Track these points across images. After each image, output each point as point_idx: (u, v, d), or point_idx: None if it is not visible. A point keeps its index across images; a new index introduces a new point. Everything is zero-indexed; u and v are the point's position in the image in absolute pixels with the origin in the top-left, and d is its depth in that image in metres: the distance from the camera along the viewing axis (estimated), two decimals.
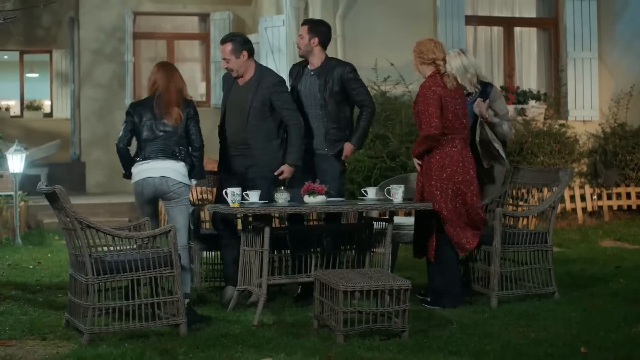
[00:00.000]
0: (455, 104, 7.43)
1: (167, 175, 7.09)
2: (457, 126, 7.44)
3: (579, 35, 13.92)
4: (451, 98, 7.42)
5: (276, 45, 13.89)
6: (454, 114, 7.42)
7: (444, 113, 7.35)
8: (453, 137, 7.43)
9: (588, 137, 13.73)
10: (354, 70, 7.97)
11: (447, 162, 7.43)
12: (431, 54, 7.61)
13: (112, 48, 17.20)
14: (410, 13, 13.18)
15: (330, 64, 7.89)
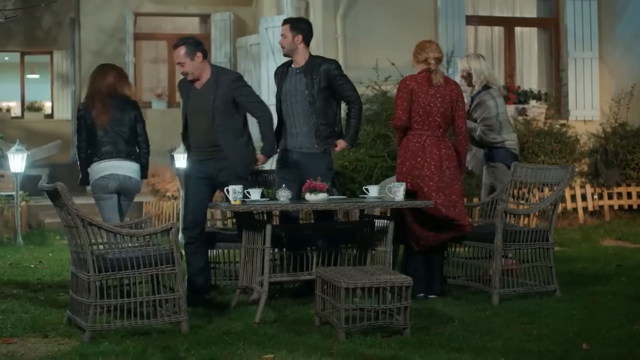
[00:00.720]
0: (430, 101, 7.57)
1: (131, 175, 7.67)
2: (427, 122, 7.58)
3: (580, 35, 13.93)
4: (426, 95, 7.57)
5: (277, 46, 13.79)
6: (425, 110, 7.56)
7: (414, 107, 7.55)
8: (421, 132, 7.62)
9: (589, 136, 13.73)
10: (339, 67, 7.96)
11: (408, 155, 7.66)
12: (424, 53, 7.80)
13: (113, 49, 17.21)
14: (410, 13, 13.20)
15: (316, 61, 7.88)
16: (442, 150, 7.64)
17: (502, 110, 8.84)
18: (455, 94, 7.70)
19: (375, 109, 12.07)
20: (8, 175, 12.92)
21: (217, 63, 17.20)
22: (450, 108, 7.65)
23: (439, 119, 7.60)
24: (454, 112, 7.69)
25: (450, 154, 7.68)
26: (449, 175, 7.62)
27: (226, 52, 17.40)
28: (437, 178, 7.56)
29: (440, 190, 7.56)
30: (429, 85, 7.60)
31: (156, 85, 18.03)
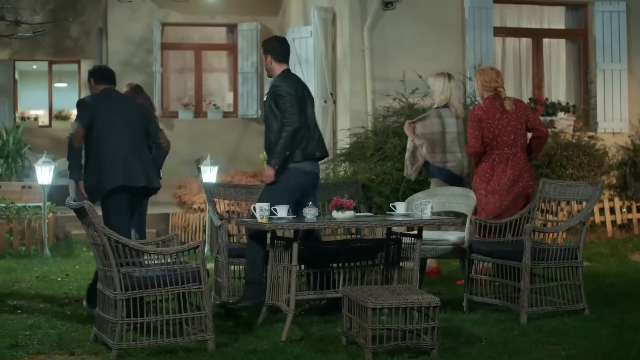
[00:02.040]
0: (499, 125, 8.43)
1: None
2: (494, 144, 8.45)
3: (609, 47, 13.84)
4: (494, 120, 8.43)
5: (304, 57, 13.88)
6: (494, 134, 8.41)
7: (485, 134, 8.42)
8: (491, 152, 8.51)
9: (617, 149, 13.62)
10: (283, 86, 7.87)
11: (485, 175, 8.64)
12: (494, 82, 8.54)
13: (140, 59, 17.24)
14: (438, 24, 13.15)
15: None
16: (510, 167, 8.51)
17: (450, 131, 9.39)
18: (525, 113, 8.57)
19: (402, 122, 11.98)
20: (35, 187, 12.96)
21: (244, 73, 17.35)
22: (524, 126, 8.53)
23: (507, 139, 8.45)
24: (530, 125, 8.58)
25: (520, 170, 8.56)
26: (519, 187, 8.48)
27: (253, 62, 17.40)
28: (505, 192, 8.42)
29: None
30: (497, 111, 8.44)
31: (183, 95, 18.04)
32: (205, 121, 17.55)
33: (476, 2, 13.26)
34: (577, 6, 14.19)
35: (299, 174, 7.77)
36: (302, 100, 7.82)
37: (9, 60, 20.13)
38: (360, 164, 11.77)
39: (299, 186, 7.75)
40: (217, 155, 16.54)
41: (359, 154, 12.02)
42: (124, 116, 7.73)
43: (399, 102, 12.32)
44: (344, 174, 11.94)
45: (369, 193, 10.96)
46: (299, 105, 7.75)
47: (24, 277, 9.87)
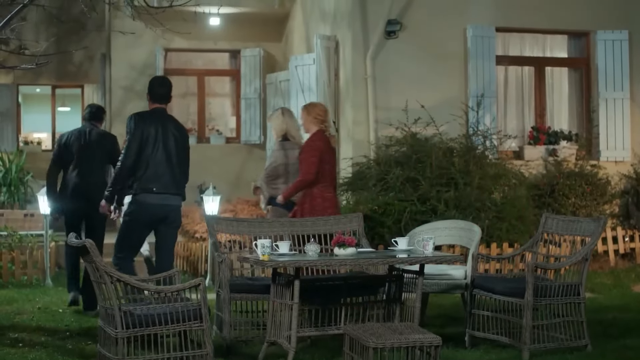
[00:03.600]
0: (327, 158, 8.97)
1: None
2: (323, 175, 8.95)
3: (611, 75, 13.86)
4: (329, 154, 9.01)
5: (306, 84, 13.90)
6: (326, 166, 8.96)
7: (323, 167, 8.88)
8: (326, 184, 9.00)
9: (620, 177, 13.63)
10: (128, 122, 8.38)
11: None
12: (323, 118, 9.07)
13: (143, 85, 17.18)
14: (441, 53, 13.18)
15: None
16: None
17: (293, 162, 9.48)
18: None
19: (405, 151, 12.01)
20: (38, 214, 12.95)
21: (247, 99, 17.37)
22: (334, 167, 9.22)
23: (331, 172, 9.13)
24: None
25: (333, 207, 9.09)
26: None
27: (256, 87, 17.43)
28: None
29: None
30: (326, 144, 9.01)
31: (186, 120, 18.06)
32: (208, 146, 17.55)
33: (478, 30, 13.29)
34: (580, 35, 14.21)
35: (142, 207, 8.27)
36: (147, 140, 8.20)
37: (13, 84, 20.18)
38: (363, 193, 11.76)
39: (145, 218, 8.31)
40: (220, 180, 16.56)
41: (361, 183, 12.02)
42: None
43: (401, 132, 12.31)
44: (346, 204, 11.92)
45: (371, 224, 10.94)
46: (140, 145, 8.19)
47: (25, 308, 9.85)
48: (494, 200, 11.60)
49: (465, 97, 13.17)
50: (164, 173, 8.27)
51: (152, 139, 8.22)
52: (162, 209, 8.29)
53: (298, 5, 16.38)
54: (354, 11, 13.04)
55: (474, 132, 12.36)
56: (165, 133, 8.35)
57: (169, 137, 8.34)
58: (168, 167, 8.29)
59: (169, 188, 8.30)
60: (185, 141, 8.53)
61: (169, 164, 8.29)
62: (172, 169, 8.33)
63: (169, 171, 8.29)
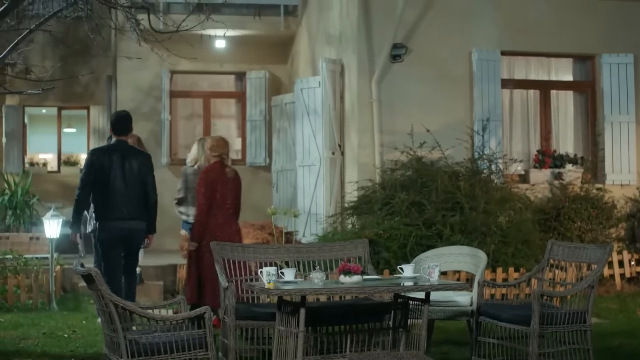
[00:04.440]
0: (223, 188, 9.54)
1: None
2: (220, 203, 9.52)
3: (616, 99, 13.87)
4: (221, 182, 9.53)
5: (312, 107, 13.92)
6: (221, 194, 9.53)
7: (212, 193, 9.45)
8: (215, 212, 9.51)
9: (626, 201, 13.61)
10: (87, 155, 9.66)
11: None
12: (220, 149, 9.68)
13: (149, 107, 17.30)
14: (446, 77, 13.20)
15: None
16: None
17: (193, 187, 10.03)
18: (239, 184, 9.86)
19: (410, 175, 12.02)
20: (43, 238, 12.96)
21: (252, 121, 17.40)
22: (238, 195, 9.84)
23: (228, 202, 9.64)
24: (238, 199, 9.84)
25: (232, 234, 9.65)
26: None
27: (261, 110, 17.46)
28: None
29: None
30: (222, 175, 9.58)
31: (191, 142, 18.05)
32: None
33: (484, 54, 13.31)
34: (585, 58, 14.23)
35: (106, 232, 9.34)
36: (104, 171, 9.27)
37: (19, 105, 20.21)
38: (368, 218, 11.76)
39: (111, 241, 9.34)
40: None
41: (366, 207, 12.02)
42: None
43: (406, 155, 12.32)
44: (351, 228, 11.92)
45: (377, 248, 10.94)
46: (94, 177, 9.28)
47: (30, 333, 9.84)
48: (500, 225, 11.59)
49: (471, 120, 13.18)
50: (123, 200, 9.29)
51: (110, 171, 9.29)
52: (123, 232, 9.33)
53: (303, 28, 16.41)
54: (360, 35, 13.06)
55: (480, 156, 12.37)
56: (124, 163, 9.34)
57: (128, 167, 9.34)
58: (126, 194, 9.30)
59: (127, 214, 9.31)
60: (145, 169, 9.48)
61: (127, 191, 9.30)
62: (130, 196, 9.32)
63: (127, 198, 9.30)
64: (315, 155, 13.75)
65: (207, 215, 9.48)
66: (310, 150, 13.92)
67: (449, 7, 13.26)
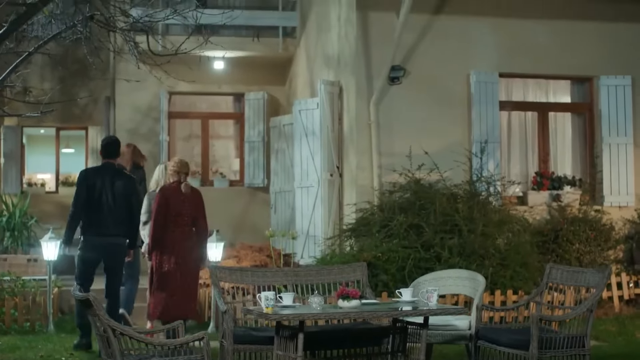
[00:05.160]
0: (180, 206, 9.91)
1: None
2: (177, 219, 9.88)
3: (614, 120, 13.88)
4: (177, 200, 9.90)
5: (310, 129, 13.92)
6: (176, 211, 9.87)
7: (169, 210, 9.82)
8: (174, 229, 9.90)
9: (624, 222, 13.62)
10: (78, 176, 10.43)
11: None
12: (176, 169, 10.04)
13: (147, 128, 17.32)
14: (444, 99, 13.21)
15: None
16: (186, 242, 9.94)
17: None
18: (198, 200, 10.12)
19: (408, 197, 12.01)
20: (41, 260, 12.93)
21: (251, 142, 17.41)
22: (195, 210, 10.01)
23: (186, 218, 9.94)
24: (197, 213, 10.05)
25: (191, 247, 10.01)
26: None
27: (259, 131, 17.48)
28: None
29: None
30: (179, 193, 9.92)
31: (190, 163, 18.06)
32: (212, 189, 17.54)
33: (482, 76, 13.34)
34: (583, 80, 14.25)
35: (87, 245, 10.12)
36: (93, 185, 10.09)
37: (17, 126, 20.20)
38: (367, 240, 11.75)
39: (91, 254, 10.12)
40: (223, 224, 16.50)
41: (365, 229, 12.01)
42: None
43: (405, 178, 12.32)
44: (349, 250, 11.91)
45: (375, 271, 10.93)
46: (85, 196, 10.07)
47: (28, 356, 9.80)
48: (498, 247, 11.58)
49: (469, 142, 13.19)
50: (106, 218, 10.09)
51: (97, 190, 10.09)
52: (104, 247, 10.10)
53: (302, 50, 16.45)
54: (358, 57, 13.08)
55: (478, 178, 12.37)
56: (110, 184, 10.15)
57: (113, 187, 10.15)
58: (110, 212, 10.09)
59: (110, 230, 10.10)
60: (129, 190, 10.26)
61: (110, 210, 10.10)
62: (114, 214, 10.11)
63: (110, 216, 10.09)
64: (314, 176, 13.74)
65: (161, 231, 9.86)
66: (308, 171, 13.91)
67: (447, 29, 13.28)
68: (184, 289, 9.84)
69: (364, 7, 13.07)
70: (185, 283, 9.86)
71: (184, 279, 9.85)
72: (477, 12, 13.39)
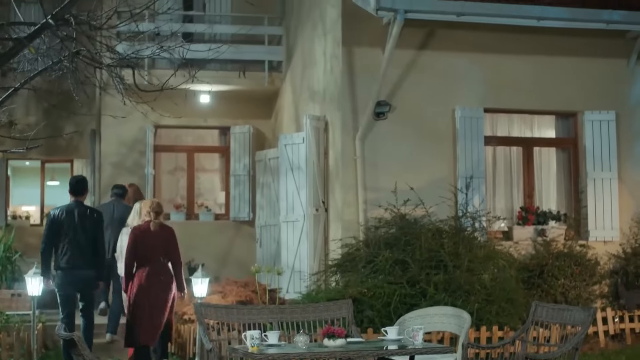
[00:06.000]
0: (150, 242, 10.54)
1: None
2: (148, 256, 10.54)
3: (599, 155, 13.93)
4: (147, 237, 10.55)
5: (296, 163, 13.93)
6: (150, 249, 10.52)
7: (141, 248, 10.48)
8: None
9: (609, 257, 13.63)
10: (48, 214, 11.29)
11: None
12: (152, 210, 10.68)
13: (132, 161, 17.32)
14: (430, 134, 13.23)
15: None
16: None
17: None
18: (170, 237, 10.74)
19: (394, 233, 12.01)
20: (25, 295, 12.87)
21: (236, 176, 17.43)
22: (167, 245, 10.63)
23: (157, 254, 10.56)
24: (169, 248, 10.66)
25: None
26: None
27: (245, 164, 17.50)
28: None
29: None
30: (149, 231, 10.56)
31: (175, 196, 18.09)
32: (197, 223, 17.57)
33: (467, 111, 13.38)
34: (567, 115, 14.31)
35: (61, 279, 11.08)
36: (61, 223, 11.02)
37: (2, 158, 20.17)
38: (352, 275, 11.73)
39: (66, 287, 11.08)
40: (208, 257, 16.55)
41: (350, 265, 11.99)
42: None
43: (390, 213, 12.33)
44: (335, 286, 11.89)
45: (361, 307, 10.90)
46: (54, 229, 11.04)
47: None
48: (484, 283, 11.56)
49: (454, 177, 13.21)
50: (75, 252, 10.99)
51: (66, 227, 11.00)
52: (76, 280, 11.05)
53: (287, 84, 16.51)
54: (343, 92, 13.10)
55: (463, 213, 12.39)
56: (78, 221, 11.06)
57: (81, 224, 11.06)
58: (78, 248, 11.01)
59: (80, 264, 11.02)
60: (96, 226, 11.23)
61: (79, 245, 11.02)
62: (82, 249, 11.03)
63: (79, 251, 11.01)
64: (299, 211, 13.74)
65: (132, 268, 10.56)
66: (294, 206, 13.91)
67: (432, 65, 13.33)
68: (151, 320, 10.44)
69: (349, 42, 13.12)
70: (152, 314, 10.46)
71: (151, 311, 10.46)
72: (462, 48, 13.45)
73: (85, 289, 11.24)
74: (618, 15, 13.11)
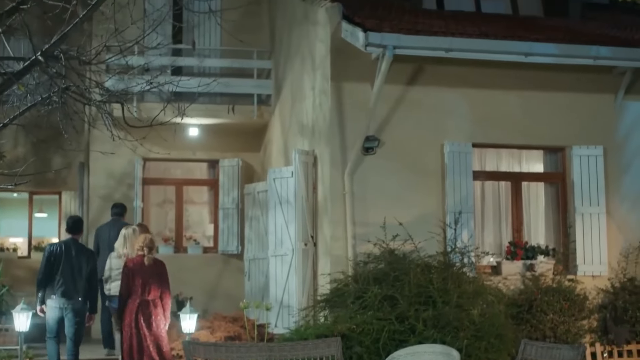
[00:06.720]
0: (143, 276, 11.40)
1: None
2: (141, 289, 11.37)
3: (587, 190, 13.96)
4: (140, 271, 11.42)
5: (284, 197, 13.93)
6: (142, 281, 11.35)
7: (134, 281, 11.33)
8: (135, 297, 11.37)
9: (597, 292, 13.64)
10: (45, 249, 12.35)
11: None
12: (144, 244, 11.59)
13: (121, 193, 17.30)
14: (418, 169, 13.25)
15: None
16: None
17: (115, 267, 12.69)
18: (162, 270, 11.63)
19: (383, 268, 11.99)
20: (12, 329, 12.82)
21: (225, 209, 17.41)
22: (159, 280, 11.51)
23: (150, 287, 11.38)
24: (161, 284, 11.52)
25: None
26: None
27: (234, 197, 17.49)
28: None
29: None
30: (142, 265, 11.43)
31: (164, 229, 18.06)
32: (186, 256, 17.54)
33: (455, 147, 13.40)
34: (555, 150, 14.35)
35: (50, 307, 11.99)
36: (58, 258, 12.05)
37: None
38: (341, 311, 11.68)
39: (54, 314, 12.00)
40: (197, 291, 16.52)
41: (339, 300, 11.94)
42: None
43: (379, 248, 12.32)
44: (324, 322, 11.84)
45: (349, 343, 10.84)
46: (49, 264, 12.03)
47: None
48: (473, 318, 11.52)
49: (443, 212, 13.21)
50: (66, 283, 11.96)
51: (59, 261, 12.00)
52: (64, 308, 11.94)
53: (276, 118, 16.54)
54: (332, 127, 13.11)
55: (452, 249, 12.39)
56: (73, 256, 12.09)
57: (74, 259, 12.07)
58: (71, 279, 12.00)
59: (70, 294, 11.97)
60: (88, 261, 12.21)
61: (71, 277, 12.00)
62: (74, 281, 12.02)
63: (71, 282, 11.99)
64: (288, 245, 13.73)
65: (126, 300, 11.36)
66: (282, 240, 13.90)
67: (420, 101, 13.37)
68: (139, 350, 11.23)
69: (338, 77, 13.15)
70: (140, 344, 11.22)
71: (140, 341, 11.22)
72: (450, 84, 13.51)
73: (75, 316, 12.04)
74: (605, 51, 13.21)
